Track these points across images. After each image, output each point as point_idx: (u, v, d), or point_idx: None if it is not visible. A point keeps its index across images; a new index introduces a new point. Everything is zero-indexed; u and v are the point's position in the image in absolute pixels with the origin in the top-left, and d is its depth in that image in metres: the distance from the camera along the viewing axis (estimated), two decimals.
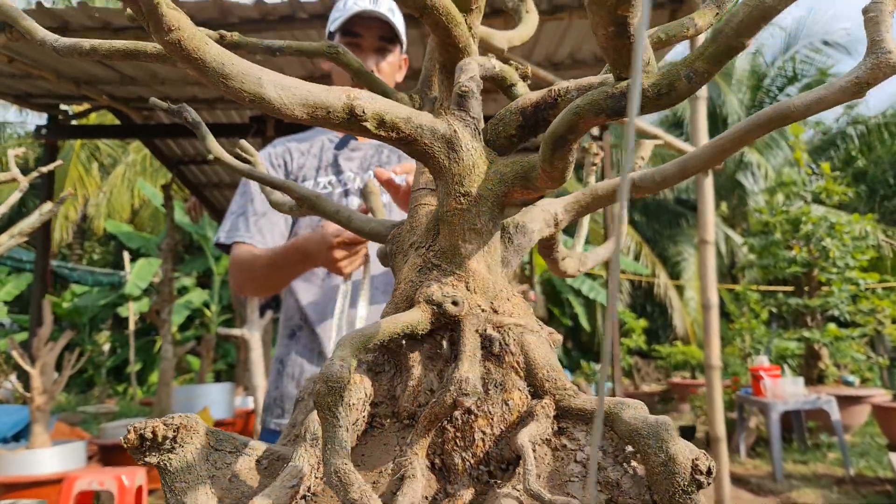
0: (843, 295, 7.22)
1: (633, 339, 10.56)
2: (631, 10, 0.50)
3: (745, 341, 8.35)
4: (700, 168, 0.68)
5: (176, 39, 0.51)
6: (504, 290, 0.73)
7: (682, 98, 0.55)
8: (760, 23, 0.51)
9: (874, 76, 0.53)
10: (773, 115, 0.60)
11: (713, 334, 3.94)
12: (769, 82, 15.87)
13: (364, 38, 1.84)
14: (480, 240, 0.73)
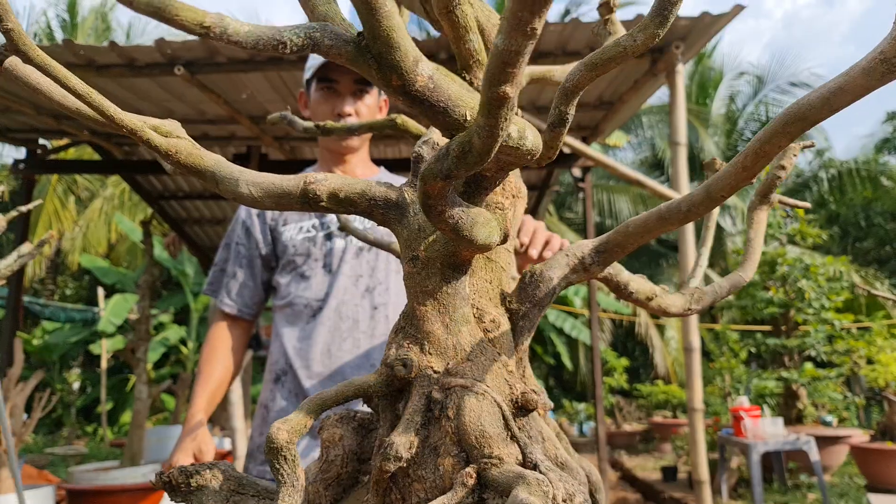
0: (820, 335, 7.31)
1: (615, 378, 10.55)
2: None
3: (725, 381, 8.38)
4: (726, 191, 0.63)
5: (176, 160, 0.65)
6: (468, 349, 0.74)
7: (482, 156, 0.53)
8: (505, 68, 0.47)
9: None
10: (789, 118, 0.52)
11: (696, 377, 3.94)
12: (742, 125, 16.28)
13: (339, 83, 1.84)
14: (435, 301, 0.75)
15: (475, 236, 0.63)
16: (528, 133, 0.60)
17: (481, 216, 0.65)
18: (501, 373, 0.76)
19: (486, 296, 0.97)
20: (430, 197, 0.59)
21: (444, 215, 0.60)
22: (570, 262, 0.86)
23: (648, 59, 4.41)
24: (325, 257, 1.86)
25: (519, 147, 0.60)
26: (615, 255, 0.82)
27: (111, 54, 4.03)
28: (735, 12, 3.98)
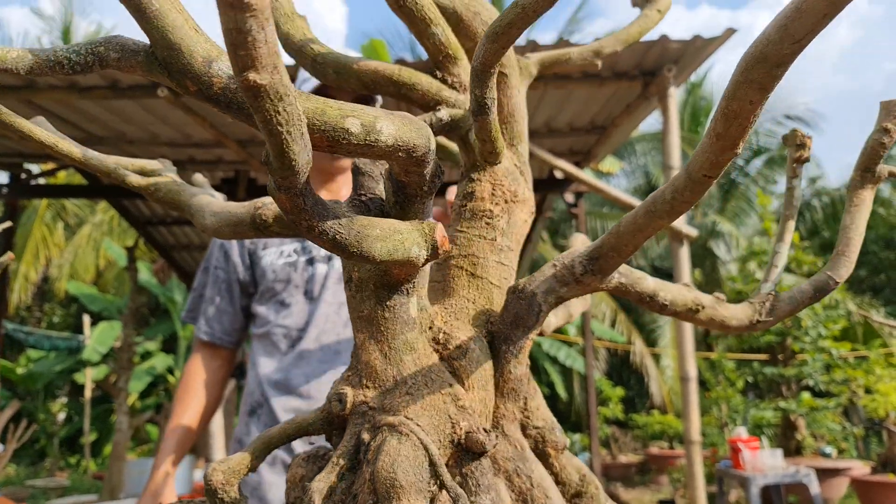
0: (817, 365, 7.20)
1: (611, 408, 10.38)
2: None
3: (722, 411, 8.24)
4: (707, 168, 0.53)
5: (157, 199, 0.76)
6: (410, 381, 0.68)
7: (290, 162, 0.46)
8: (236, 51, 0.39)
9: None
10: (748, 62, 0.44)
11: (692, 408, 3.82)
12: None
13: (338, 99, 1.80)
14: (371, 326, 0.70)
15: (369, 252, 0.56)
16: (382, 125, 0.52)
17: (376, 228, 0.57)
18: (446, 408, 0.66)
19: (463, 317, 0.86)
20: (287, 212, 0.53)
21: (314, 230, 0.54)
22: (557, 272, 0.76)
23: (641, 83, 4.38)
24: (307, 283, 1.75)
25: (373, 143, 0.52)
26: (612, 260, 0.71)
27: (93, 76, 3.95)
28: (726, 35, 3.95)
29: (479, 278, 0.89)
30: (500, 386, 0.82)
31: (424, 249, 0.60)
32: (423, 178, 0.61)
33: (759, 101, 0.46)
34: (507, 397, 0.82)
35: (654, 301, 0.79)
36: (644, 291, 0.79)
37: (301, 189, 0.50)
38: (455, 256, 0.92)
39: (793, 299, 0.79)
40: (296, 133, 0.44)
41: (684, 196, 0.58)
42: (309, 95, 0.51)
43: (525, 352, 0.83)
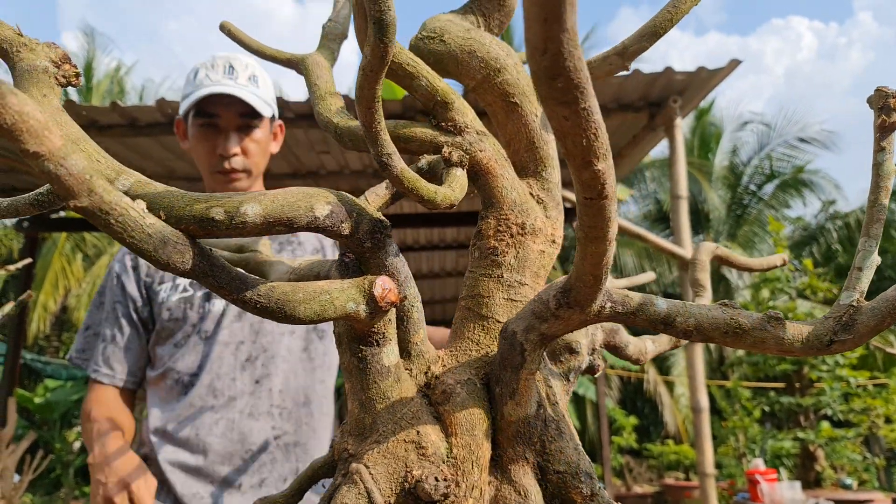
0: (835, 394, 7.09)
1: (624, 437, 10.25)
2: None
3: (739, 441, 8.12)
4: None
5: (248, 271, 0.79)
6: (381, 428, 0.72)
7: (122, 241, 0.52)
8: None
9: None
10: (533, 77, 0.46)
11: (705, 439, 3.79)
12: (746, 180, 16.31)
13: (221, 117, 1.61)
14: (351, 377, 0.74)
15: (294, 314, 0.61)
16: (246, 208, 0.58)
17: (299, 293, 0.62)
18: (405, 455, 0.70)
19: (464, 359, 0.89)
20: (209, 289, 0.60)
21: (237, 301, 0.58)
22: (535, 307, 0.76)
23: (647, 114, 4.43)
24: (201, 321, 1.58)
25: (240, 225, 0.59)
26: (582, 291, 0.68)
27: (113, 115, 4.07)
28: (731, 67, 4.00)
29: (486, 318, 0.91)
30: (504, 429, 0.83)
31: (363, 304, 0.65)
32: (350, 238, 0.68)
33: (569, 114, 0.49)
34: (515, 441, 0.82)
35: (672, 327, 0.71)
36: (654, 317, 0.71)
37: (203, 271, 0.56)
38: (464, 298, 0.95)
39: (876, 311, 0.65)
40: (140, 235, 0.52)
41: (584, 221, 0.61)
42: (183, 193, 0.59)
43: (524, 393, 0.82)
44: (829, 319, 0.66)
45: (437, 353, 0.89)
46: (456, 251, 7.03)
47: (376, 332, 0.75)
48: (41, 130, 0.49)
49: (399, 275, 0.81)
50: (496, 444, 0.85)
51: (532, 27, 0.45)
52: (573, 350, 0.97)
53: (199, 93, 1.57)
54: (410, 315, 0.85)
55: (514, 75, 0.95)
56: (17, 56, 0.61)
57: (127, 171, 0.61)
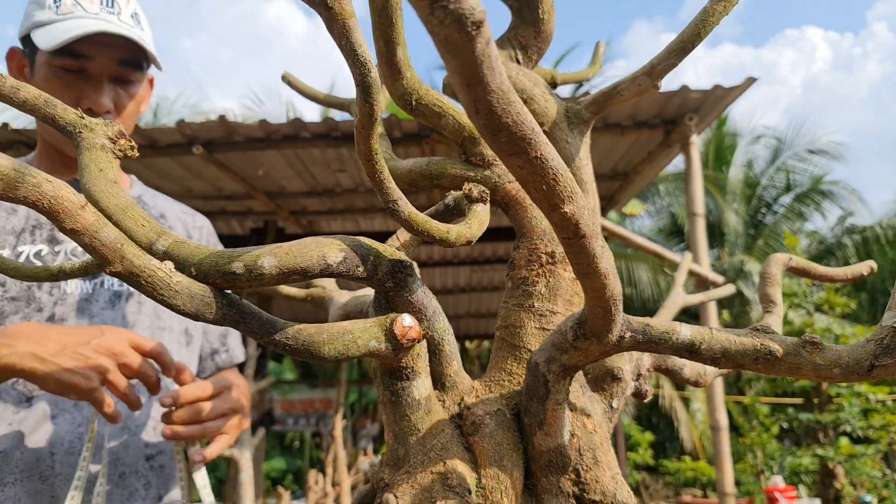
0: (854, 410, 7.01)
1: (640, 453, 10.16)
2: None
3: (758, 458, 8.02)
4: None
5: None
6: (413, 459, 0.75)
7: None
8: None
9: None
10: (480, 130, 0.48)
11: (725, 458, 3.76)
12: (762, 192, 16.23)
13: (94, 60, 1.24)
14: (386, 411, 0.77)
15: (319, 354, 0.65)
16: (263, 261, 0.64)
17: (323, 333, 0.66)
18: (431, 486, 0.75)
19: (497, 390, 0.91)
20: (225, 325, 0.65)
21: (269, 345, 0.65)
22: (555, 339, 0.77)
23: (662, 131, 4.44)
24: (55, 306, 1.21)
25: (259, 277, 0.64)
26: (596, 322, 0.68)
27: (134, 136, 4.14)
28: (747, 84, 4.01)
29: (518, 348, 0.93)
30: (536, 459, 0.84)
31: (384, 343, 0.69)
32: (370, 280, 0.72)
33: (522, 164, 0.51)
34: (547, 470, 0.84)
35: (698, 355, 0.69)
36: (678, 345, 0.69)
37: (233, 319, 0.63)
38: (499, 328, 0.97)
39: None
40: (168, 292, 0.61)
41: (570, 259, 0.62)
42: (211, 251, 0.64)
43: (552, 423, 0.82)
44: (871, 342, 0.63)
45: (472, 384, 0.91)
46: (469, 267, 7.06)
47: (405, 366, 0.77)
48: (75, 210, 0.56)
49: (426, 310, 0.83)
50: (530, 474, 0.86)
51: (460, 92, 0.48)
52: (616, 377, 0.97)
53: (73, 30, 1.19)
54: (442, 348, 0.87)
55: (541, 105, 0.97)
56: (80, 136, 0.68)
57: (166, 234, 0.66)
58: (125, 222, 0.68)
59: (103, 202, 0.69)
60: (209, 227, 1.57)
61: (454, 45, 0.46)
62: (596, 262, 0.64)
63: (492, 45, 0.47)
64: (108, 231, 0.60)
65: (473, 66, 0.47)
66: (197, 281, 0.65)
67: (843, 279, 1.18)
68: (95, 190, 0.70)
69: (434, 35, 0.46)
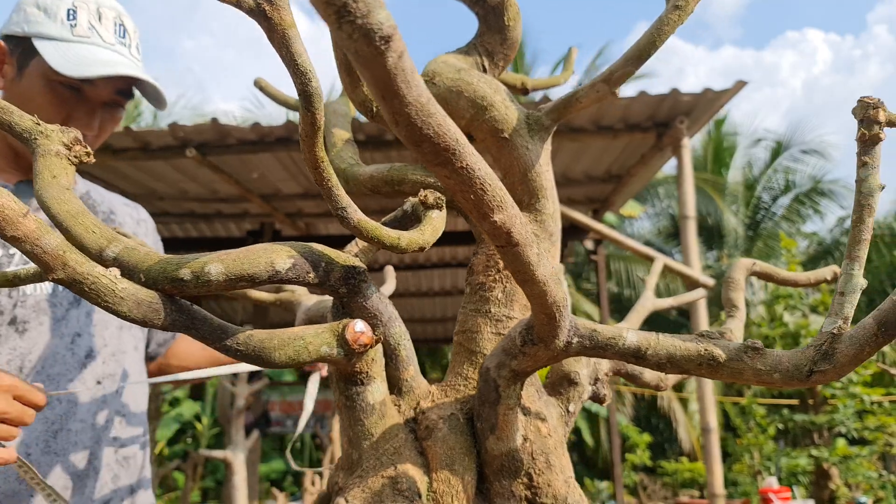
0: (849, 411, 7.01)
1: (638, 454, 10.16)
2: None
3: (754, 458, 8.03)
4: None
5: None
6: (364, 464, 0.76)
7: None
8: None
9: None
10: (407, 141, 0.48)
11: (715, 460, 3.76)
12: (760, 193, 16.21)
13: (96, 87, 1.26)
14: (341, 416, 0.79)
15: (270, 360, 0.66)
16: (210, 267, 0.64)
17: (274, 339, 0.66)
18: (381, 490, 0.76)
19: (453, 394, 0.92)
20: (175, 331, 0.67)
21: (221, 349, 0.66)
22: (505, 345, 0.79)
23: (654, 134, 4.45)
24: (15, 308, 1.20)
25: (206, 283, 0.64)
26: (543, 327, 0.69)
27: (126, 139, 4.16)
28: (737, 88, 4.01)
29: (475, 353, 0.94)
30: (489, 463, 0.85)
31: (336, 348, 0.70)
32: (323, 287, 0.74)
33: (449, 174, 0.52)
34: (500, 474, 0.85)
35: (644, 360, 0.70)
36: (625, 350, 0.70)
37: (184, 324, 0.64)
38: (457, 333, 0.98)
39: (855, 339, 0.60)
40: (113, 298, 0.61)
41: (507, 266, 0.64)
42: (160, 258, 0.65)
43: (504, 427, 0.84)
44: (810, 348, 0.64)
45: (429, 389, 0.92)
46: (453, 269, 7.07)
47: (360, 371, 0.79)
48: (16, 218, 0.57)
49: (381, 316, 0.84)
50: (483, 478, 0.87)
51: (378, 104, 0.50)
52: (573, 381, 0.99)
53: (96, 63, 1.22)
54: (398, 353, 0.88)
55: (501, 111, 0.98)
56: (35, 143, 0.69)
57: (118, 239, 0.67)
58: (75, 228, 0.69)
59: (54, 209, 0.70)
60: (150, 223, 1.58)
61: (365, 59, 0.47)
62: (532, 269, 0.65)
63: (405, 59, 0.48)
64: (49, 238, 0.61)
65: (387, 79, 0.48)
66: (146, 287, 0.66)
67: (806, 283, 1.19)
68: (47, 196, 0.71)
69: (345, 49, 0.47)
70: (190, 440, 12.25)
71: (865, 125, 0.64)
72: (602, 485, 10.29)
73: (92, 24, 1.26)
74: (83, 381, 1.25)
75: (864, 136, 0.64)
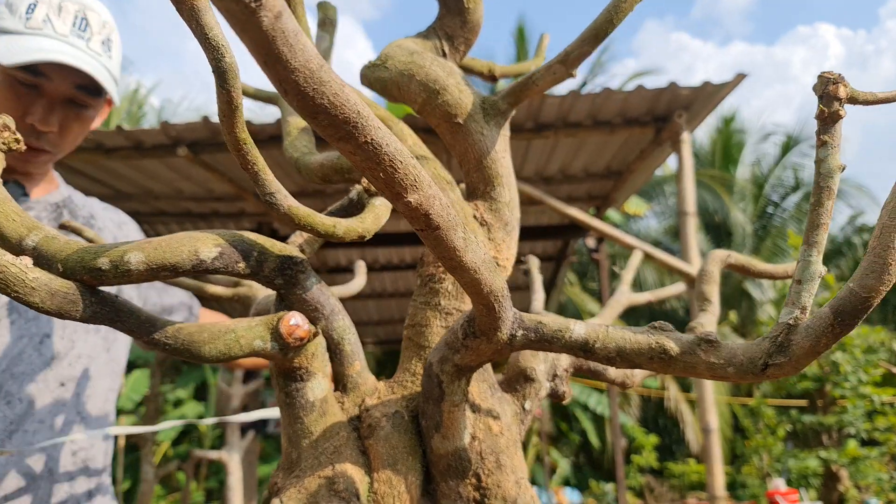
0: (858, 412, 6.90)
1: (644, 456, 10.08)
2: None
3: (763, 460, 7.93)
4: None
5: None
6: (303, 463, 0.73)
7: None
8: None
9: None
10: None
11: (715, 461, 3.69)
12: (769, 190, 16.08)
13: (52, 80, 1.23)
14: (282, 412, 0.77)
15: (199, 354, 0.63)
16: (129, 256, 0.62)
17: (204, 333, 0.63)
18: (318, 490, 0.73)
19: (399, 391, 0.87)
20: (97, 323, 0.65)
21: (149, 343, 0.64)
22: (448, 338, 0.74)
23: (653, 129, 4.39)
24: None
25: (126, 273, 0.62)
26: (483, 319, 0.66)
27: (118, 138, 4.14)
28: (737, 81, 3.94)
29: (424, 348, 0.89)
30: (435, 463, 0.81)
31: (270, 342, 0.67)
32: (256, 277, 0.71)
33: (353, 149, 0.50)
34: (446, 474, 0.80)
35: (593, 353, 0.66)
36: (572, 344, 0.66)
37: (107, 317, 0.61)
38: (407, 327, 0.94)
39: (811, 330, 0.57)
40: (23, 288, 0.58)
41: (434, 252, 0.60)
42: (79, 246, 0.62)
43: (449, 426, 0.79)
44: (766, 340, 0.60)
45: (376, 385, 0.87)
46: None
47: (299, 367, 0.75)
48: None
49: (323, 308, 0.79)
50: (431, 478, 0.83)
51: (262, 70, 0.45)
52: (529, 378, 0.94)
53: (34, 52, 1.19)
54: (342, 348, 0.83)
55: (455, 95, 0.93)
56: None
57: (38, 228, 0.64)
58: None
59: None
60: (132, 225, 1.55)
61: (238, 20, 0.43)
62: (459, 255, 0.60)
63: (284, 20, 0.44)
64: None
65: (265, 42, 0.43)
66: (62, 278, 0.62)
67: (783, 276, 1.14)
68: None
69: (218, 9, 0.43)
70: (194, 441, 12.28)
71: (825, 102, 0.60)
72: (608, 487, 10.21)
73: (48, 17, 1.24)
74: (46, 381, 1.24)
75: (824, 114, 0.60)
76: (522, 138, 4.37)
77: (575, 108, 4.19)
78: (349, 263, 6.62)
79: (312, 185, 5.01)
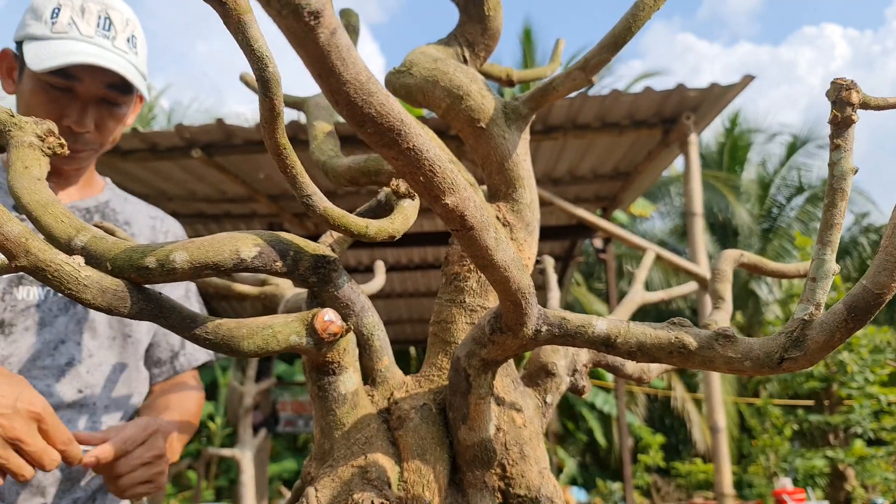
0: (865, 412, 6.90)
1: (651, 455, 10.08)
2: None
3: (770, 460, 7.94)
4: None
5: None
6: (336, 454, 0.76)
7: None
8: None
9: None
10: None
11: (723, 459, 3.72)
12: (775, 191, 16.04)
13: (83, 82, 1.26)
14: (315, 406, 0.80)
15: (238, 349, 0.65)
16: (175, 255, 0.64)
17: (243, 328, 0.66)
18: (350, 479, 0.74)
19: (427, 385, 0.91)
20: (142, 319, 0.67)
21: (190, 338, 0.66)
22: (475, 333, 0.77)
23: (661, 131, 4.41)
24: (4, 312, 1.22)
25: (172, 271, 0.65)
26: (510, 315, 0.69)
27: (134, 140, 4.20)
28: (745, 83, 3.97)
29: (449, 343, 0.93)
30: (462, 453, 0.84)
31: (306, 337, 0.69)
32: (291, 276, 0.74)
33: (396, 155, 0.53)
34: (472, 464, 0.84)
35: (614, 348, 0.69)
36: (594, 339, 0.69)
37: (152, 313, 0.64)
38: (432, 323, 0.97)
39: (825, 326, 0.60)
40: (76, 286, 0.62)
41: (466, 251, 0.64)
42: (126, 246, 0.65)
43: (476, 417, 0.82)
44: (782, 335, 0.63)
45: (404, 379, 0.91)
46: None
47: (332, 361, 0.78)
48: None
49: (354, 305, 0.83)
50: (457, 469, 0.86)
51: (317, 83, 0.49)
52: (550, 372, 0.97)
53: (62, 55, 1.22)
54: (371, 343, 0.87)
55: (478, 101, 0.97)
56: (9, 134, 0.71)
57: (86, 228, 0.67)
58: (45, 218, 0.70)
59: (25, 198, 0.71)
60: (178, 231, 1.55)
61: (296, 37, 0.46)
62: (490, 254, 0.64)
63: (339, 35, 0.47)
64: (11, 226, 0.61)
65: (321, 57, 0.47)
66: (111, 276, 0.66)
67: (795, 275, 1.17)
68: (18, 186, 0.72)
69: (279, 26, 0.47)
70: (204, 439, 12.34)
71: (838, 107, 0.63)
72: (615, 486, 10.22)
73: (73, 20, 1.27)
74: (62, 387, 1.24)
75: (837, 119, 0.63)
76: (531, 140, 4.38)
77: (583, 110, 4.22)
78: (357, 264, 6.65)
79: (324, 187, 5.06)
